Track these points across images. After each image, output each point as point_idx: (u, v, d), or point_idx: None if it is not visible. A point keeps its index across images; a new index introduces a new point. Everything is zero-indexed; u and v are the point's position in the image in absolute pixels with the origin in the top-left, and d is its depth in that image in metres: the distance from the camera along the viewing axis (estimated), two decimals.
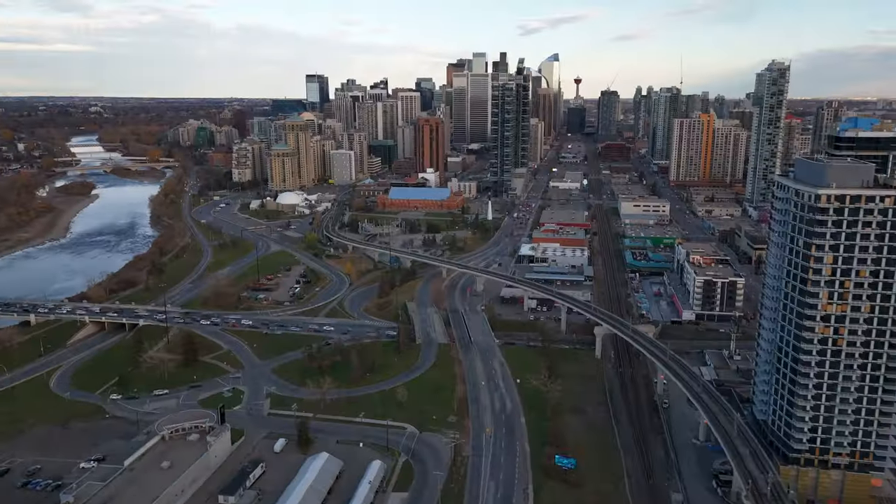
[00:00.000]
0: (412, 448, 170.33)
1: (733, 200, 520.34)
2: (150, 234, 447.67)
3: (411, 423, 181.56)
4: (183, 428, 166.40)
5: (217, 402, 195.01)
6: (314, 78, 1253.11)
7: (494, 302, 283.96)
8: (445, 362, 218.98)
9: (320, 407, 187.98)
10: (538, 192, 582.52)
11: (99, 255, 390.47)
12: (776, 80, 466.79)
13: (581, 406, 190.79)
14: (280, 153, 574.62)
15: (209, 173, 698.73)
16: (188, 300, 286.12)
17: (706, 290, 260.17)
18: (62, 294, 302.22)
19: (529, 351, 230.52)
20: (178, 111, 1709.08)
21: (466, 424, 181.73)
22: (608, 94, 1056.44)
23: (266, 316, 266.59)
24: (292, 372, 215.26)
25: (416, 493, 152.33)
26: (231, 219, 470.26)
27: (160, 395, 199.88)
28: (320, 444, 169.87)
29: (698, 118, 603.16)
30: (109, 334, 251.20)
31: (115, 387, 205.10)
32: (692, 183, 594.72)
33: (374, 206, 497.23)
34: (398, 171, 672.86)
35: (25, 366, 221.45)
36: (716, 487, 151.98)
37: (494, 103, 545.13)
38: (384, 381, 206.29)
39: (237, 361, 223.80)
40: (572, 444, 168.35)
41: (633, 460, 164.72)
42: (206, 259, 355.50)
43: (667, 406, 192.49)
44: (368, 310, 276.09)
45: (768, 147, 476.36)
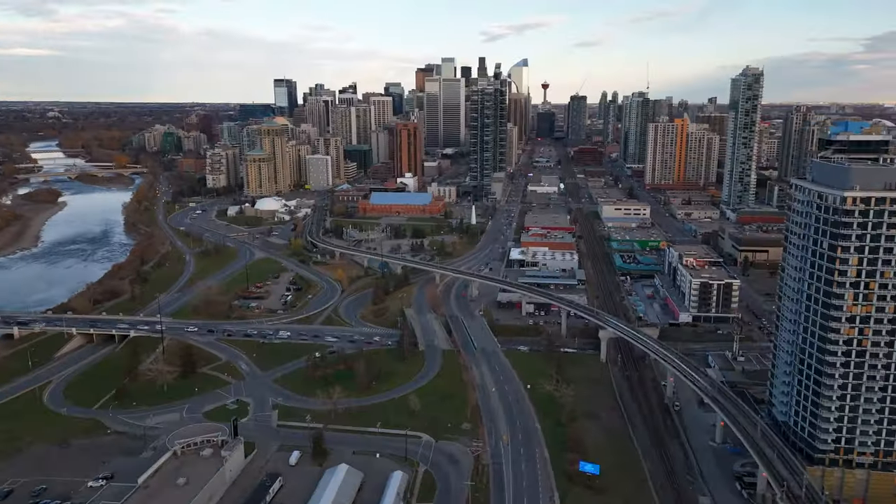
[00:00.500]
0: (430, 457, 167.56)
1: (710, 203, 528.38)
2: (126, 242, 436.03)
3: (426, 431, 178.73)
4: (195, 442, 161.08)
5: (221, 414, 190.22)
6: (282, 82, 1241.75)
7: (491, 306, 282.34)
8: (452, 369, 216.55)
9: (331, 417, 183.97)
10: (517, 196, 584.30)
11: (75, 265, 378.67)
12: (751, 86, 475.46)
13: (594, 411, 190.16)
14: (256, 158, 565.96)
15: (180, 179, 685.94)
16: (177, 310, 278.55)
17: (702, 292, 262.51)
18: (42, 306, 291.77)
19: (534, 356, 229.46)
20: (139, 116, 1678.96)
21: (481, 432, 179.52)
22: (577, 99, 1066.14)
23: (260, 324, 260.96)
24: (296, 382, 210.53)
25: (442, 503, 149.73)
26: (209, 225, 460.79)
27: (162, 408, 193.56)
28: (336, 456, 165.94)
29: (672, 122, 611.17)
30: (98, 346, 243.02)
31: (112, 401, 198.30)
32: (667, 186, 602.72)
33: (355, 212, 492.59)
34: (375, 176, 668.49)
35: (13, 381, 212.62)
36: (740, 490, 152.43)
37: (473, 108, 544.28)
38: (392, 390, 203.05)
39: (237, 372, 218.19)
40: (591, 449, 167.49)
41: (654, 464, 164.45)
42: (189, 267, 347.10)
43: (678, 409, 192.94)
44: (365, 317, 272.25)
45: (744, 150, 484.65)
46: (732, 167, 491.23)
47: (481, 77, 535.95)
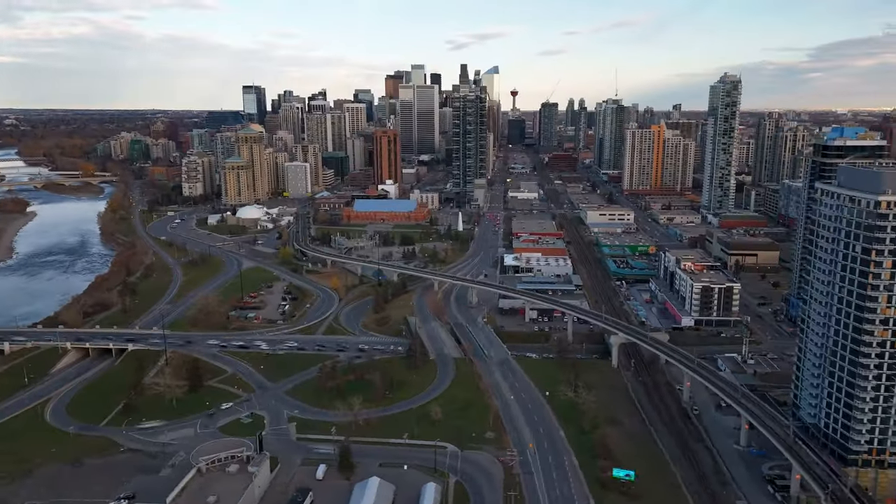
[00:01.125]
0: (458, 468, 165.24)
1: (689, 208, 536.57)
2: (106, 252, 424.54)
3: (450, 441, 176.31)
4: (220, 458, 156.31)
5: (235, 428, 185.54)
6: (251, 89, 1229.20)
7: (493, 313, 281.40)
8: (466, 377, 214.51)
9: (352, 429, 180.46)
10: (497, 202, 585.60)
11: (55, 277, 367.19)
12: (729, 92, 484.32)
13: (615, 417, 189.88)
14: (234, 166, 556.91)
15: (153, 188, 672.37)
16: (173, 321, 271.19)
17: (704, 296, 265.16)
18: (28, 319, 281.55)
19: (545, 362, 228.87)
20: (100, 123, 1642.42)
21: (506, 440, 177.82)
22: (549, 106, 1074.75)
23: (262, 335, 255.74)
24: (307, 394, 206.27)
25: None
26: (191, 235, 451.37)
27: (174, 423, 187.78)
28: (362, 469, 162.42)
29: (649, 129, 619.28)
30: (94, 361, 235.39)
31: (119, 417, 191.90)
32: (645, 192, 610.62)
33: (339, 220, 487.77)
34: (353, 184, 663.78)
35: (10, 399, 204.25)
36: (773, 493, 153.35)
37: (455, 115, 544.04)
38: (408, 400, 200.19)
39: (246, 385, 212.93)
40: (619, 455, 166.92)
41: (684, 469, 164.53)
42: (177, 278, 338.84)
43: (697, 412, 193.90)
44: (367, 325, 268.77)
45: (723, 156, 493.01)
46: (712, 172, 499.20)
47: (462, 84, 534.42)
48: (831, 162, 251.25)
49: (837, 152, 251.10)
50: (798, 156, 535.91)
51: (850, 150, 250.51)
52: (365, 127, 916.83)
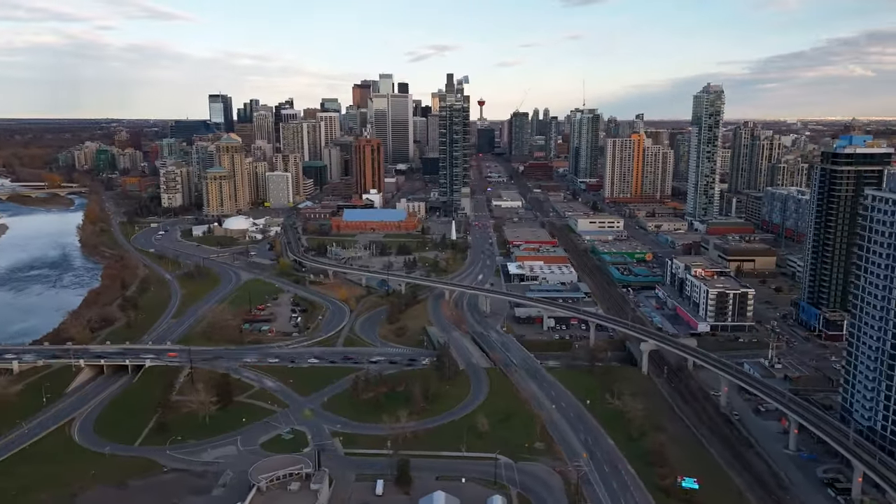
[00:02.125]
0: (517, 480, 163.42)
1: (672, 215, 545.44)
2: (91, 265, 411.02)
3: (501, 453, 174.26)
4: (278, 477, 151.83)
5: (277, 444, 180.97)
6: (218, 98, 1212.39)
7: (509, 322, 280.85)
8: (502, 387, 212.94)
9: (399, 442, 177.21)
10: (482, 210, 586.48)
11: (44, 292, 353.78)
12: (713, 102, 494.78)
13: (659, 423, 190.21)
14: (217, 176, 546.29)
15: (126, 198, 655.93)
16: (184, 336, 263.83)
17: (719, 301, 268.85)
18: (27, 336, 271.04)
19: (575, 371, 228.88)
20: (56, 133, 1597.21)
21: (556, 450, 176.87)
22: (519, 116, 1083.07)
23: (279, 348, 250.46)
24: (343, 407, 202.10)
25: None
26: (178, 247, 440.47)
27: (212, 441, 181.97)
28: (420, 483, 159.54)
29: (630, 138, 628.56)
30: (110, 378, 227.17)
31: (154, 436, 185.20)
32: (626, 199, 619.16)
33: (328, 230, 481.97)
34: (335, 193, 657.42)
35: (32, 419, 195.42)
36: (834, 496, 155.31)
37: (442, 123, 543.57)
38: (449, 412, 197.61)
39: (278, 400, 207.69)
40: (674, 462, 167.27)
41: (741, 475, 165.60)
42: (176, 292, 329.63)
43: (738, 418, 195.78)
44: (385, 336, 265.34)
45: (708, 164, 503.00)
46: (697, 180, 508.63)
47: (448, 93, 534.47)
48: (841, 169, 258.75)
49: (847, 160, 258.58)
50: (776, 163, 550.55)
51: (860, 158, 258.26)
52: (338, 136, 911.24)
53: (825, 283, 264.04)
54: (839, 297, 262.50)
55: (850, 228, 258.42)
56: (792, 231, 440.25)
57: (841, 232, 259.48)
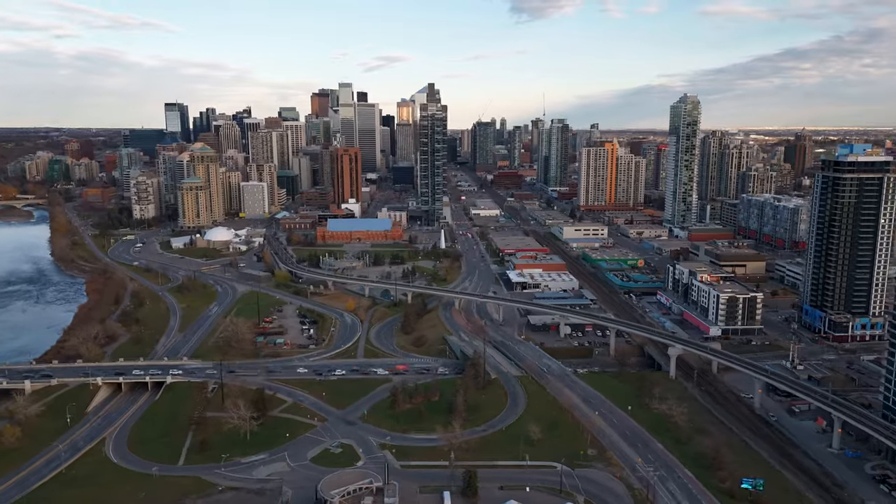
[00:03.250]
0: (579, 486, 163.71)
1: (649, 222, 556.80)
2: (72, 280, 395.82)
3: (556, 460, 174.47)
4: (348, 492, 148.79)
5: (326, 458, 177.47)
6: (174, 107, 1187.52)
7: (524, 329, 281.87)
8: (539, 395, 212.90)
9: (452, 453, 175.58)
10: (460, 219, 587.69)
11: (29, 308, 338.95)
12: (690, 112, 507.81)
13: (701, 426, 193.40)
14: (193, 186, 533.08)
15: (91, 210, 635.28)
16: (196, 350, 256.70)
17: (730, 306, 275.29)
18: (26, 354, 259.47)
19: (606, 377, 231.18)
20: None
21: (609, 456, 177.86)
22: (483, 125, 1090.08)
23: (300, 361, 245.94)
24: (384, 418, 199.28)
25: None
26: (161, 259, 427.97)
27: (260, 458, 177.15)
28: (485, 493, 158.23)
29: (603, 147, 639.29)
30: (129, 395, 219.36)
31: (195, 454, 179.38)
32: (601, 207, 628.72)
33: (314, 240, 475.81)
34: (309, 203, 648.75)
35: (60, 441, 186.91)
36: (888, 491, 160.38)
37: (423, 132, 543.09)
38: (493, 421, 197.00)
39: (314, 413, 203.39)
40: (728, 464, 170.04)
41: (795, 475, 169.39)
42: (172, 305, 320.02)
43: (775, 419, 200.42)
44: (403, 347, 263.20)
45: (686, 172, 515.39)
46: (675, 188, 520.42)
47: (430, 103, 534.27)
48: (845, 177, 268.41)
49: (850, 167, 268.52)
50: (748, 171, 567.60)
51: (861, 166, 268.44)
52: (304, 145, 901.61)
53: (829, 286, 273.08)
54: (843, 300, 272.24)
55: (853, 234, 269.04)
56: (770, 237, 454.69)
57: (845, 237, 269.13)
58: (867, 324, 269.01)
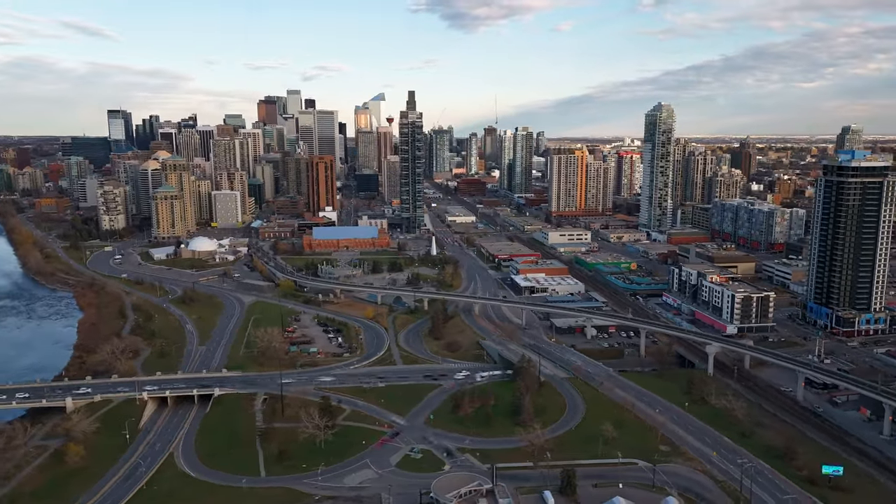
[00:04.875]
0: (667, 481, 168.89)
1: (624, 227, 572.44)
2: (60, 294, 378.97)
3: (635, 457, 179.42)
4: (461, 494, 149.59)
5: (410, 464, 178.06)
6: (118, 113, 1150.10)
7: (547, 332, 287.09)
8: (594, 395, 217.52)
9: (535, 454, 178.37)
10: (437, 226, 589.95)
11: (24, 325, 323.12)
12: (665, 120, 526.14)
13: (758, 419, 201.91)
14: (167, 196, 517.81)
15: (48, 221, 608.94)
16: (229, 362, 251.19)
17: (744, 305, 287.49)
18: (40, 373, 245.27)
19: (648, 376, 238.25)
20: None
21: (683, 451, 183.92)
22: (440, 133, 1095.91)
23: (342, 369, 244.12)
24: (449, 422, 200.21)
25: None
26: (147, 270, 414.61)
27: (342, 466, 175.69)
28: (581, 491, 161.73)
29: (573, 154, 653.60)
30: (175, 409, 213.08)
31: (275, 464, 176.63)
32: (571, 213, 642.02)
33: (301, 248, 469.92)
34: (281, 211, 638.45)
35: (129, 458, 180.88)
36: None
37: (404, 140, 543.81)
38: (560, 421, 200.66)
39: (378, 420, 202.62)
40: (798, 453, 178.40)
41: (861, 461, 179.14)
42: (182, 317, 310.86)
43: (821, 410, 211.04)
44: (438, 352, 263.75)
45: (661, 178, 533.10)
46: (651, 193, 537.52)
47: (410, 110, 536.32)
48: (849, 181, 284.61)
49: (853, 172, 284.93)
50: (714, 177, 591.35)
51: (863, 170, 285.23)
52: (262, 153, 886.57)
53: (835, 284, 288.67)
54: (848, 297, 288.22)
55: (857, 234, 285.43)
56: (746, 239, 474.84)
57: (849, 238, 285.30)
58: (871, 319, 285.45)
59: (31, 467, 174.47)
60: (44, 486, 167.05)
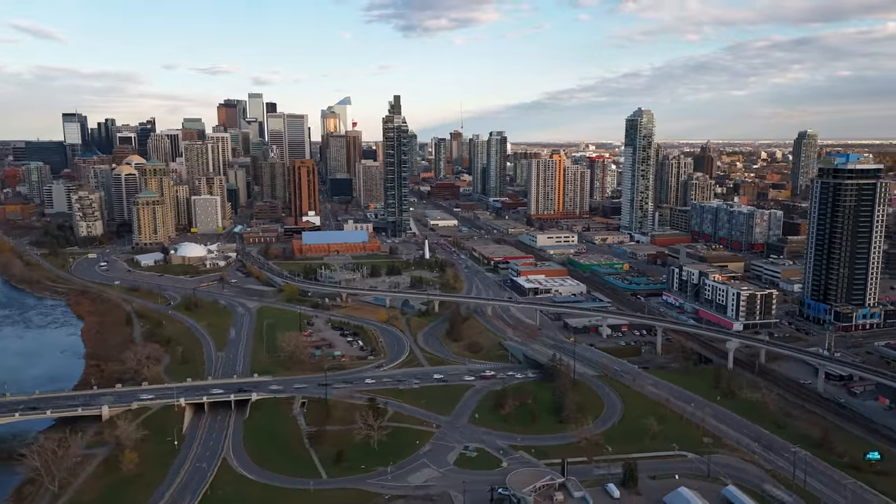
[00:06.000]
0: (720, 472, 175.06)
1: (605, 229, 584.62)
2: (44, 302, 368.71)
3: (682, 449, 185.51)
4: (536, 488, 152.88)
5: (468, 462, 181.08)
6: (73, 117, 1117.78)
7: (563, 332, 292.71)
8: (628, 392, 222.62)
9: (585, 449, 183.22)
10: (422, 230, 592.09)
11: (24, 334, 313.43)
12: (646, 125, 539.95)
13: (787, 410, 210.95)
14: (149, 201, 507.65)
15: (15, 228, 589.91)
16: (254, 366, 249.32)
17: (750, 302, 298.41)
18: (57, 382, 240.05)
19: (674, 373, 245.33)
20: None
21: (726, 442, 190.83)
22: (410, 138, 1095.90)
23: (373, 371, 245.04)
24: (493, 421, 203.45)
25: None
26: (138, 277, 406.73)
27: (402, 466, 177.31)
28: (640, 484, 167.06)
29: (552, 159, 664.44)
30: (214, 415, 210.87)
31: (332, 466, 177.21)
32: (550, 216, 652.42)
33: (291, 253, 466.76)
34: (260, 216, 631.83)
35: (181, 465, 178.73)
36: None
37: (389, 144, 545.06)
38: (602, 416, 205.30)
39: (422, 420, 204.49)
40: (835, 443, 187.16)
41: (893, 447, 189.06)
42: (193, 324, 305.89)
43: (843, 400, 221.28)
44: (461, 353, 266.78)
45: (642, 181, 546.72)
46: (633, 196, 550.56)
47: (395, 114, 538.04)
48: (846, 183, 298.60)
49: (849, 174, 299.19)
50: (689, 180, 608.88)
51: (858, 172, 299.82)
52: (230, 157, 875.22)
53: (833, 281, 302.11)
54: (845, 293, 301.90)
55: (853, 233, 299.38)
56: (726, 240, 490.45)
57: (846, 236, 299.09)
58: (867, 314, 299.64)
59: (85, 475, 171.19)
60: (103, 495, 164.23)
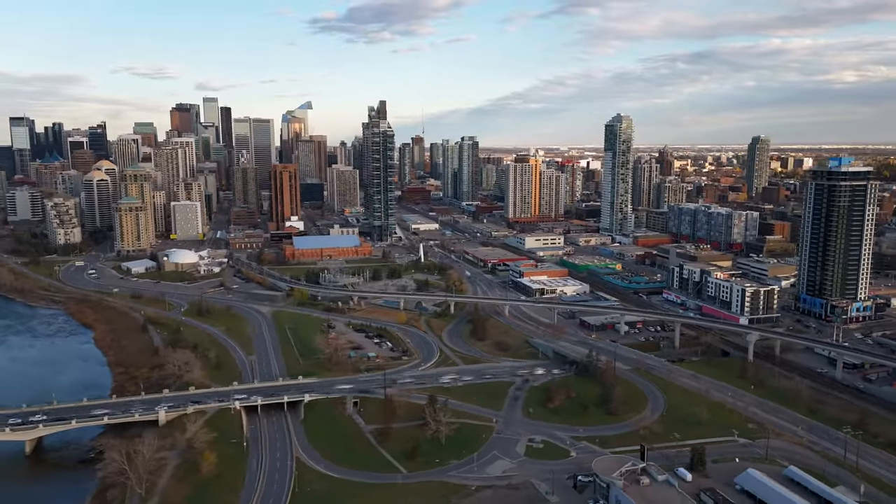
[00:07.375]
0: (776, 455, 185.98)
1: (585, 231, 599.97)
2: (38, 311, 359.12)
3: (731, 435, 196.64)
4: (622, 472, 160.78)
5: (537, 453, 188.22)
6: (22, 121, 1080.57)
7: (580, 330, 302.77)
8: (666, 384, 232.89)
9: (643, 437, 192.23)
10: (403, 234, 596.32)
11: (35, 344, 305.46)
12: (625, 131, 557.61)
13: (817, 397, 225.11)
14: (132, 207, 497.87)
15: None
16: (291, 369, 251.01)
17: (754, 298, 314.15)
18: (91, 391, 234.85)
19: (698, 364, 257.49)
20: None
21: (769, 427, 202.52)
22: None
23: (413, 371, 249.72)
24: (546, 414, 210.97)
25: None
26: (134, 284, 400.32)
27: (474, 461, 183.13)
28: None
29: (528, 163, 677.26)
30: (266, 417, 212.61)
31: (405, 460, 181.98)
32: (527, 220, 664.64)
33: (284, 258, 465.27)
34: (238, 222, 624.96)
35: (250, 464, 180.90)
36: None
37: (375, 149, 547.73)
38: (650, 407, 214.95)
39: (477, 416, 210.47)
40: (869, 426, 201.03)
41: None
42: (213, 331, 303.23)
43: (861, 386, 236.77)
44: (490, 352, 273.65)
45: (622, 185, 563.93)
46: (613, 199, 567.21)
47: (381, 119, 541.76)
48: (841, 184, 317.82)
49: (843, 176, 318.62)
50: (663, 183, 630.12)
51: (851, 174, 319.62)
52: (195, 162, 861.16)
53: (828, 276, 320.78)
54: (839, 287, 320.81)
55: (847, 230, 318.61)
56: (705, 240, 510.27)
57: (840, 234, 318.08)
58: (860, 307, 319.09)
59: (167, 478, 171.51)
60: (190, 496, 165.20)
